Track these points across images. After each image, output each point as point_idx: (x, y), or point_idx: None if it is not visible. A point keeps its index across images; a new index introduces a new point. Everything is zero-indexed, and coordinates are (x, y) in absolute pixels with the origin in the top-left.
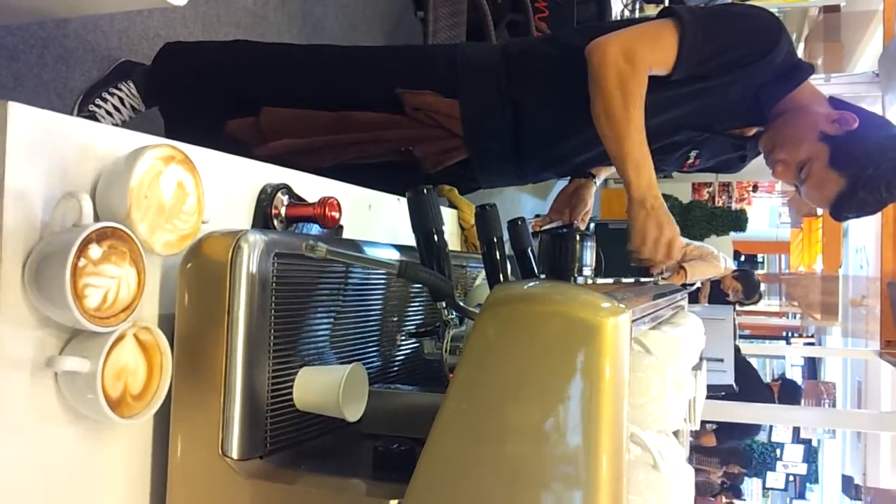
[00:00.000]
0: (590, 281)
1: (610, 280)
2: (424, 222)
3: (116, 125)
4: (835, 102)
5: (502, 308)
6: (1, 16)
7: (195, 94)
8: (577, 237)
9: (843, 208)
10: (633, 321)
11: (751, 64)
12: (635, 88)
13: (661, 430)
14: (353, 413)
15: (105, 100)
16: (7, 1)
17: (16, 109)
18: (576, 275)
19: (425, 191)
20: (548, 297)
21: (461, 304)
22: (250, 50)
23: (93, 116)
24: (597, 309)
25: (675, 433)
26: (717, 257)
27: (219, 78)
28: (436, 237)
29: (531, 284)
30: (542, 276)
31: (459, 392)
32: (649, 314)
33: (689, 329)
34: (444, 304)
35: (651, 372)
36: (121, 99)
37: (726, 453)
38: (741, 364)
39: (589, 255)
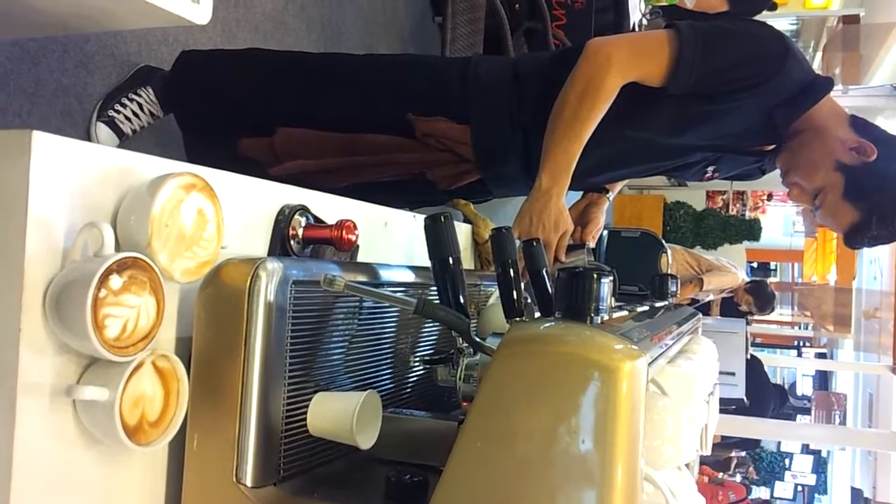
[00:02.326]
0: (605, 316)
1: (625, 312)
2: (441, 250)
3: (135, 130)
4: (856, 123)
5: (518, 348)
6: (24, 30)
7: (209, 106)
8: (595, 276)
9: (857, 239)
10: (650, 363)
11: (757, 86)
12: (598, 101)
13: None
14: (366, 441)
15: (124, 105)
16: (31, 17)
17: (39, 138)
18: (592, 314)
19: (442, 218)
20: (563, 338)
21: (477, 339)
22: (264, 62)
23: (112, 122)
24: (612, 352)
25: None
26: (731, 269)
27: (233, 91)
28: (452, 264)
29: (547, 325)
30: (558, 314)
31: (474, 430)
32: (665, 350)
33: (703, 360)
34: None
35: (666, 414)
36: (140, 105)
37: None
38: (750, 365)
39: (606, 293)
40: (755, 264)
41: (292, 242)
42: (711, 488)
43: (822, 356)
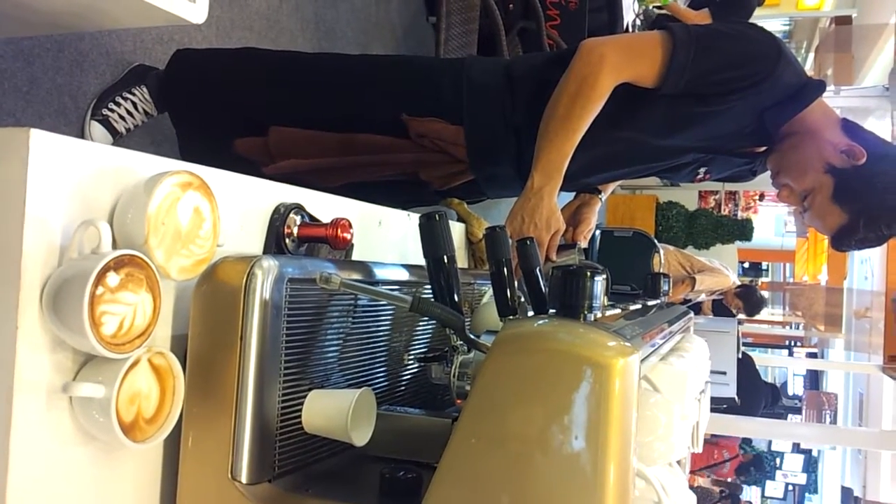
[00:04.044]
0: (598, 314)
1: (618, 310)
2: (436, 249)
3: (129, 129)
4: (847, 126)
5: (512, 345)
6: (19, 29)
7: (204, 105)
8: (589, 274)
9: (844, 241)
10: (642, 360)
11: (749, 88)
12: (591, 100)
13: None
14: (361, 438)
15: (118, 104)
16: (28, 16)
17: (37, 136)
18: (586, 312)
19: (437, 217)
20: (557, 335)
21: (471, 336)
22: (259, 61)
23: (106, 121)
24: (605, 349)
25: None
26: (723, 270)
27: (227, 91)
28: (447, 263)
29: (541, 322)
30: (553, 311)
31: (468, 428)
32: (657, 348)
33: (695, 358)
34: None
35: (658, 410)
36: (134, 104)
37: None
38: (742, 364)
39: (599, 291)
40: (747, 264)
41: (287, 241)
42: (707, 448)
43: (812, 356)
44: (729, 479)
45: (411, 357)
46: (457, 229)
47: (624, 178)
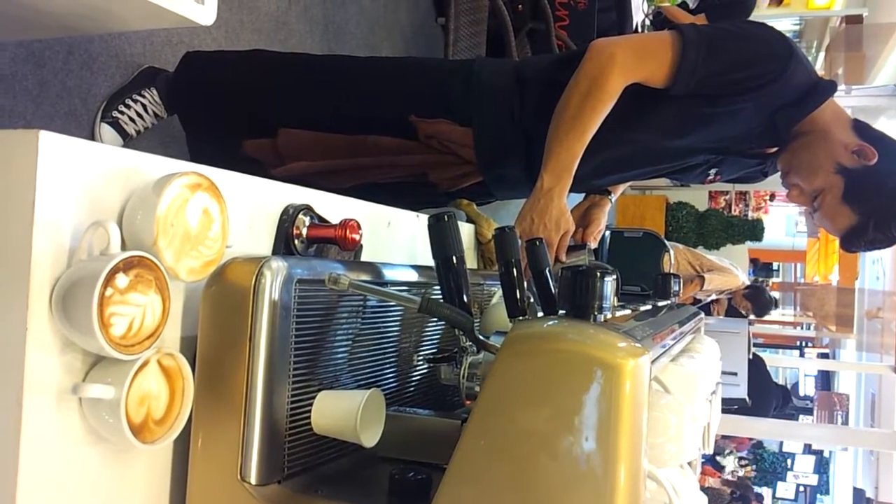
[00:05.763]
0: (608, 314)
1: (628, 311)
2: (445, 250)
3: (139, 131)
4: (858, 127)
5: (522, 346)
6: (29, 32)
7: (213, 107)
8: (598, 274)
9: (854, 242)
10: (652, 361)
11: (760, 88)
12: (601, 101)
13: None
14: (370, 439)
15: (128, 106)
16: (36, 18)
17: (46, 138)
18: (596, 312)
19: (446, 217)
20: (567, 336)
21: (481, 337)
22: (268, 63)
23: (116, 123)
24: (615, 350)
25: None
26: (733, 270)
27: (236, 93)
28: (456, 263)
29: (551, 323)
30: (562, 312)
31: (478, 429)
32: (668, 349)
33: (705, 359)
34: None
35: (668, 411)
36: (144, 106)
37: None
38: (753, 365)
39: (609, 292)
40: (758, 265)
41: (296, 242)
42: None
43: (824, 356)
44: (741, 475)
45: (420, 358)
46: (466, 230)
47: (634, 180)
